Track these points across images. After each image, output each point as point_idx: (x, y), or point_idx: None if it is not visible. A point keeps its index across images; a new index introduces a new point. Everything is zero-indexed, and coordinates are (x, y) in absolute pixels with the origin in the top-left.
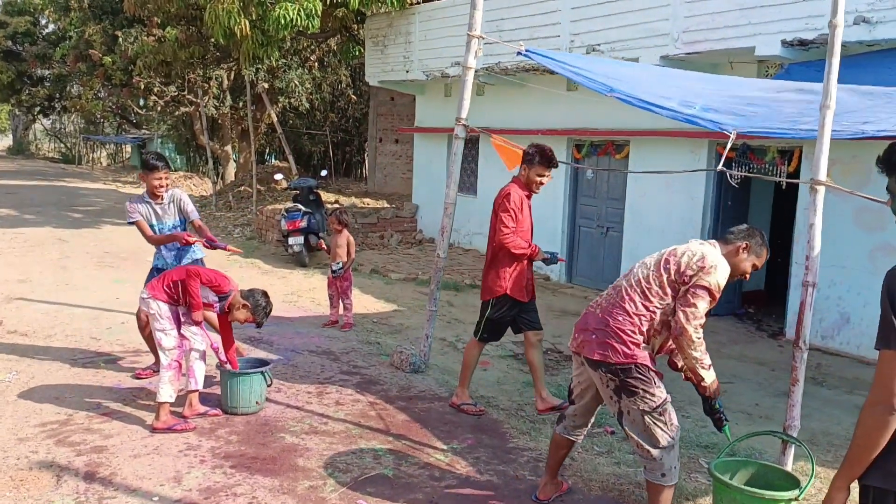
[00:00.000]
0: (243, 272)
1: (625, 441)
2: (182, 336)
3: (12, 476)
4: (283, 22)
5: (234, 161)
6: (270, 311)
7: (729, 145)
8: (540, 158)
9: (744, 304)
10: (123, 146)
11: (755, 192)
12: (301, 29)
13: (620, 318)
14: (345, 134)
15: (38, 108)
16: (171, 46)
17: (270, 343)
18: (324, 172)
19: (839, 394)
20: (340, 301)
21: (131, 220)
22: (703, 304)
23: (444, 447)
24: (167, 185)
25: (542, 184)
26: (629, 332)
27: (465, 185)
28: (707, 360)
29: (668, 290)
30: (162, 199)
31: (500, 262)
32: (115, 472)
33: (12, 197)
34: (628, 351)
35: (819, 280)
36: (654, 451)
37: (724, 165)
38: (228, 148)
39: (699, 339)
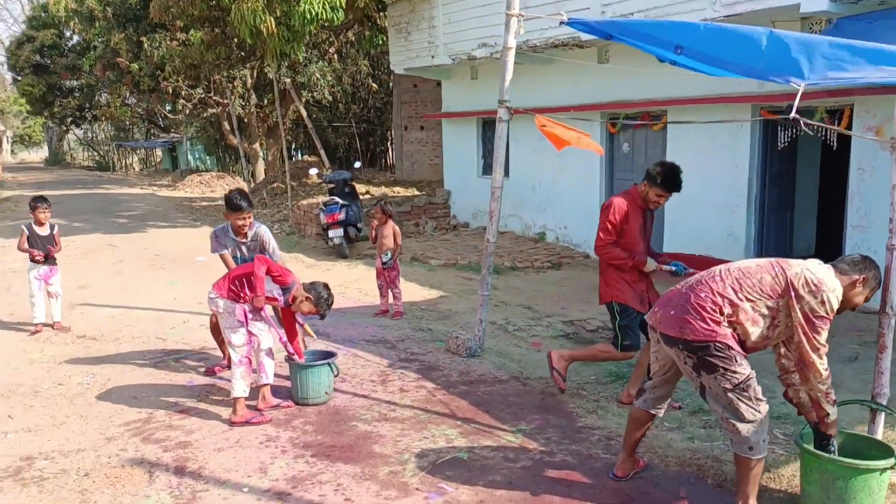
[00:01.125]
0: (288, 267)
1: (694, 415)
2: (250, 333)
3: (107, 474)
4: (308, 17)
5: (263, 158)
6: (332, 302)
7: (798, 97)
8: (662, 181)
9: None
10: (154, 150)
11: (801, 156)
12: (326, 22)
13: (703, 295)
14: (367, 124)
15: (69, 119)
16: (198, 49)
17: (327, 334)
18: (357, 164)
19: None
20: (389, 290)
21: (217, 252)
22: (825, 335)
23: (513, 429)
24: (251, 223)
25: (658, 203)
26: (709, 310)
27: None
28: (833, 395)
29: (765, 290)
30: (246, 237)
31: (607, 270)
32: (203, 466)
33: (59, 206)
34: (707, 327)
35: (879, 241)
36: (740, 426)
37: (769, 130)
38: (256, 146)
39: (826, 370)
